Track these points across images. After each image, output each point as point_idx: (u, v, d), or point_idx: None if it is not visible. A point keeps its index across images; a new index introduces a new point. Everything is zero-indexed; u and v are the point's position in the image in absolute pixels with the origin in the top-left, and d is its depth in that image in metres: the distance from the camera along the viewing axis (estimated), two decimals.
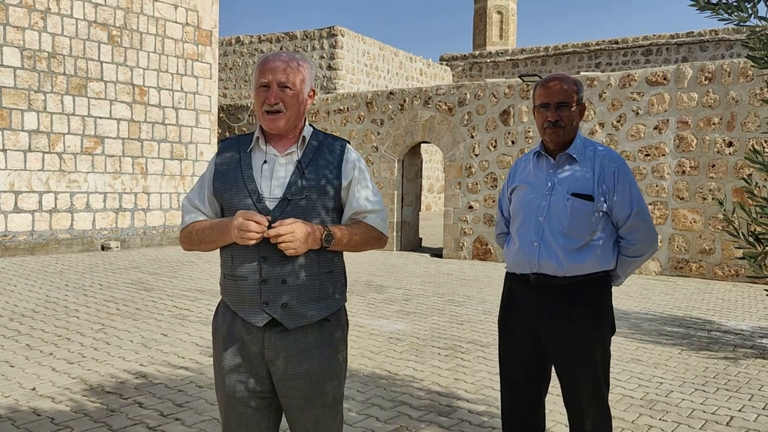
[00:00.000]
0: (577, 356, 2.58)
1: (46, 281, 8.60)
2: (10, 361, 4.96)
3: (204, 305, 7.19)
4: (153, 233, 13.34)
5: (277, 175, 2.11)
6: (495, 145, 11.85)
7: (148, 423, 3.76)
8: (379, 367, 4.99)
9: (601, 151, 2.66)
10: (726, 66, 9.73)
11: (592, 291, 2.61)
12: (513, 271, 2.75)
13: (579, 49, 26.65)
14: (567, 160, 2.65)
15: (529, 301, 2.66)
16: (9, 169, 11.17)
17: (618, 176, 2.60)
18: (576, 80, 2.68)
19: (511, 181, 2.84)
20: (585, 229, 2.58)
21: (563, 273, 2.58)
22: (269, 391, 2.16)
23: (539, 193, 2.66)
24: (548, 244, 2.59)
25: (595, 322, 2.59)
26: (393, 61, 24.97)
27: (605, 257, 2.62)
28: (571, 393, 2.62)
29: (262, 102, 2.10)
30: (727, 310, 7.61)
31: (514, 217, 2.76)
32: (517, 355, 2.71)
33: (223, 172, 2.16)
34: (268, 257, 2.05)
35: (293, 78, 2.09)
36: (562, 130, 2.61)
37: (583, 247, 2.58)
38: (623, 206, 2.59)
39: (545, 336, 2.62)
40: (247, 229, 1.95)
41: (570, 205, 2.58)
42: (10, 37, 11.12)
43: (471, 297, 8.16)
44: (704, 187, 9.85)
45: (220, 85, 23.40)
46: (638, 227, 2.62)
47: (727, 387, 4.70)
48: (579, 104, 2.65)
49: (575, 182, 2.60)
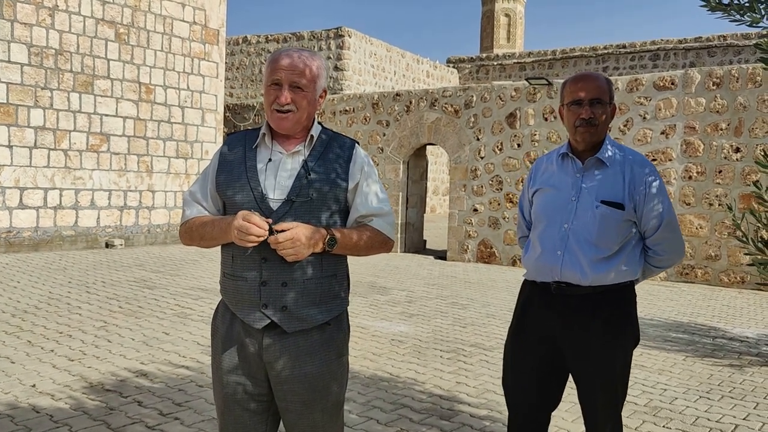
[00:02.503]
0: (596, 367, 2.45)
1: (50, 278, 8.60)
2: (10, 357, 4.95)
3: (206, 304, 7.17)
4: (157, 231, 13.34)
5: (282, 174, 2.04)
6: (501, 148, 11.81)
7: (147, 422, 3.74)
8: (381, 369, 4.96)
9: (630, 155, 2.50)
10: (734, 71, 9.67)
11: (615, 301, 2.47)
12: (533, 279, 2.59)
13: (586, 52, 26.58)
14: (596, 164, 2.49)
15: (548, 310, 2.51)
16: (14, 165, 11.18)
17: (650, 184, 2.44)
18: (608, 78, 2.53)
19: (532, 182, 2.67)
20: (614, 238, 2.43)
21: (588, 283, 2.43)
22: (267, 394, 2.11)
23: (565, 198, 2.50)
24: (573, 253, 2.45)
25: (618, 334, 2.46)
26: (400, 62, 24.94)
27: (632, 268, 2.48)
28: (589, 405, 2.50)
29: (272, 100, 2.02)
30: (732, 317, 7.55)
31: (536, 222, 2.60)
32: (531, 364, 2.56)
33: (227, 167, 2.09)
34: (269, 258, 1.99)
35: (306, 78, 2.02)
36: (595, 129, 2.45)
37: (610, 257, 2.44)
38: (654, 216, 2.45)
39: (564, 346, 2.49)
40: (247, 232, 1.89)
41: (599, 213, 2.42)
42: (17, 33, 11.14)
43: (475, 300, 8.12)
44: (711, 193, 9.79)
45: (227, 84, 23.40)
46: (667, 238, 2.49)
47: (732, 395, 4.65)
48: (611, 103, 2.50)
49: (605, 189, 2.45)
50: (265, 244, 1.94)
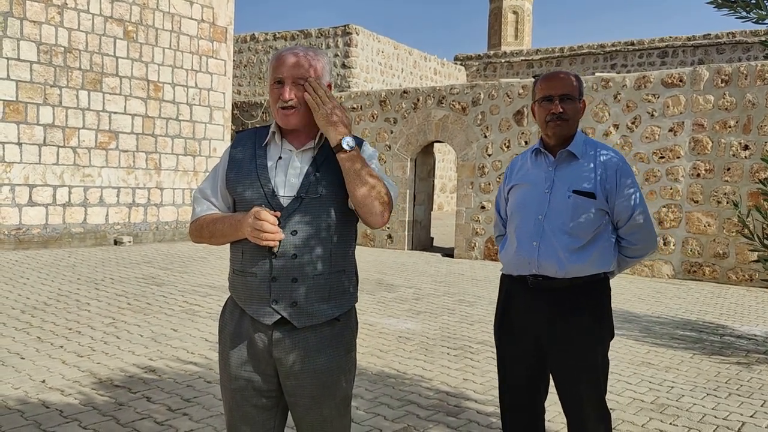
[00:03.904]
0: (578, 361, 2.51)
1: (59, 274, 8.65)
2: (21, 353, 4.99)
3: (214, 301, 7.20)
4: (165, 228, 13.39)
5: (292, 171, 2.06)
6: (508, 146, 11.80)
7: (156, 417, 3.77)
8: (388, 366, 4.97)
9: (602, 149, 2.60)
10: (743, 68, 9.63)
11: (592, 294, 2.55)
12: (510, 273, 2.66)
13: (594, 50, 26.51)
14: (567, 157, 2.58)
15: (527, 305, 2.58)
16: (24, 162, 11.25)
17: (620, 175, 2.53)
18: (578, 75, 2.63)
19: (508, 180, 2.76)
20: (587, 227, 2.51)
21: (564, 274, 2.50)
22: (276, 390, 2.12)
23: (539, 192, 2.58)
24: (549, 243, 2.52)
25: (595, 327, 2.53)
26: (407, 60, 24.93)
27: (606, 258, 2.56)
28: (572, 399, 2.55)
29: (276, 98, 2.05)
30: (740, 314, 7.54)
31: (512, 217, 2.68)
32: (518, 359, 2.63)
33: (238, 164, 2.11)
34: (280, 254, 2.01)
35: (308, 73, 2.05)
36: (565, 123, 2.54)
37: (585, 246, 2.51)
38: (625, 206, 2.53)
39: (545, 340, 2.55)
40: (261, 229, 1.92)
41: (572, 203, 2.51)
42: (27, 31, 11.20)
43: (482, 297, 8.13)
44: (719, 191, 9.76)
45: (234, 81, 23.46)
46: (639, 228, 2.56)
47: (739, 392, 4.64)
48: (581, 99, 2.59)
49: (577, 179, 2.53)
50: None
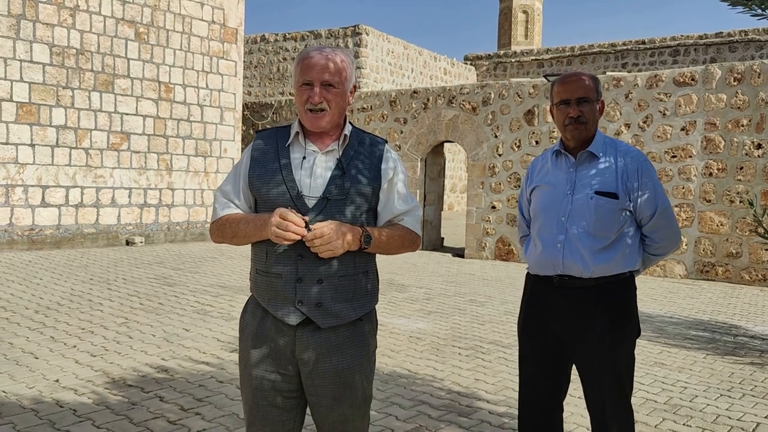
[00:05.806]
0: (601, 360, 2.51)
1: (72, 275, 8.71)
2: (34, 352, 5.03)
3: (226, 301, 7.23)
4: (177, 229, 13.45)
5: (317, 172, 2.05)
6: (519, 145, 11.78)
7: (169, 417, 3.78)
8: (400, 366, 4.97)
9: (622, 148, 2.60)
10: (756, 67, 9.56)
11: (617, 293, 2.55)
12: (536, 273, 2.68)
13: (605, 49, 26.39)
14: (588, 158, 2.59)
15: (552, 304, 2.60)
16: (37, 163, 11.32)
17: (641, 174, 2.54)
18: (594, 76, 2.63)
19: (529, 181, 2.78)
20: (610, 227, 2.52)
21: (589, 275, 2.51)
22: (297, 390, 2.12)
23: (560, 193, 2.60)
24: (573, 244, 2.53)
25: (620, 325, 2.53)
26: (417, 60, 24.92)
27: (632, 256, 2.57)
28: (595, 397, 2.56)
29: (305, 100, 2.03)
30: (753, 314, 7.48)
31: (535, 219, 2.70)
32: (539, 355, 2.65)
33: (260, 164, 2.09)
34: (306, 255, 2.00)
35: (337, 76, 2.02)
36: (584, 126, 2.55)
37: (609, 246, 2.52)
38: (647, 204, 2.53)
39: (569, 339, 2.56)
40: (285, 229, 1.91)
41: (594, 204, 2.51)
42: (39, 33, 11.27)
43: (493, 297, 8.11)
44: (732, 190, 9.69)
45: (245, 82, 23.52)
46: (662, 225, 2.57)
47: (753, 393, 4.61)
48: (598, 100, 2.60)
49: (598, 180, 2.54)
50: (301, 241, 1.95)
